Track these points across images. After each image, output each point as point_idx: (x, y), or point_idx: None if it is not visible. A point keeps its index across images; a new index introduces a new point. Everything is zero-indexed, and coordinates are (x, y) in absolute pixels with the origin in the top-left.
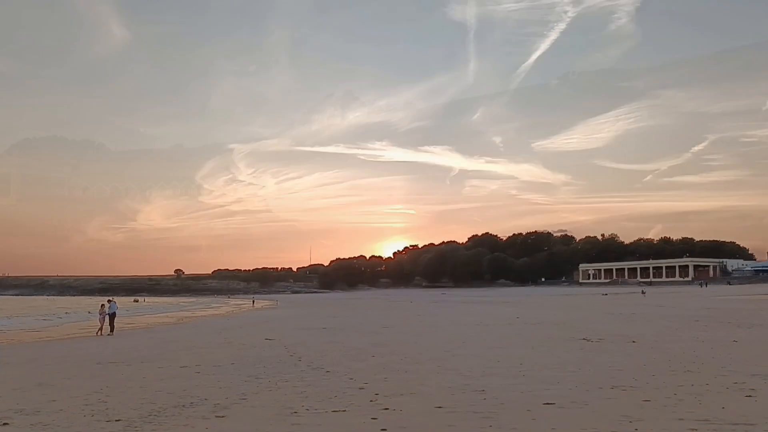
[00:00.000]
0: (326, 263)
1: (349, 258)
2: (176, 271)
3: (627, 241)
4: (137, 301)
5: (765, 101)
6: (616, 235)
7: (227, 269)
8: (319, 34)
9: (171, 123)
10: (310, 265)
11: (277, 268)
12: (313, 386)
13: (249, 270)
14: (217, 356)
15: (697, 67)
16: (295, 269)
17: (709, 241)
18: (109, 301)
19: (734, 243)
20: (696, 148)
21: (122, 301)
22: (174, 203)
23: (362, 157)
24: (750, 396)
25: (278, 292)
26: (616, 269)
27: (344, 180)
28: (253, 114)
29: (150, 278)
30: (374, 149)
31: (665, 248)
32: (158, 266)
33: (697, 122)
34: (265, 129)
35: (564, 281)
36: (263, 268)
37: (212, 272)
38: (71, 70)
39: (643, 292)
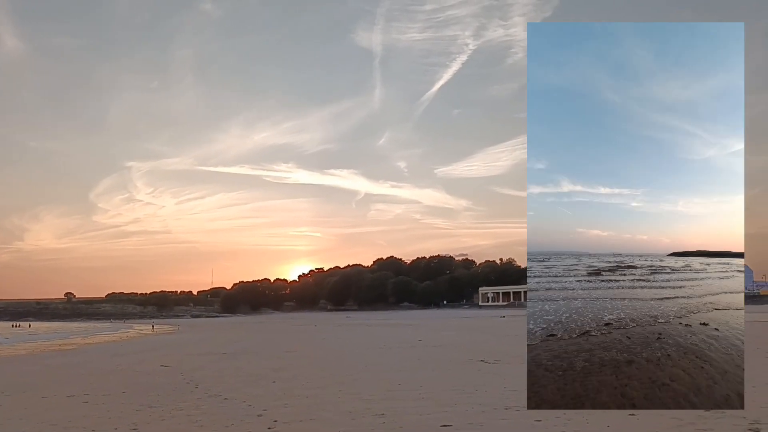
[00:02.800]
0: (229, 286)
1: (253, 281)
2: (67, 294)
3: (524, 265)
4: (18, 326)
5: None
6: (514, 259)
7: (122, 293)
8: (226, 54)
9: (64, 138)
10: (211, 289)
11: (176, 292)
12: (208, 414)
13: (146, 293)
14: (107, 384)
15: None
16: (195, 293)
17: None
18: None
19: None
20: None
21: (4, 327)
22: (66, 222)
23: (268, 179)
24: (633, 414)
25: (177, 316)
26: (513, 292)
27: (249, 201)
28: (154, 131)
29: (38, 302)
30: (280, 171)
31: None
32: (47, 289)
33: None
34: (166, 147)
35: (464, 304)
36: (161, 291)
37: (106, 296)
38: None
39: None
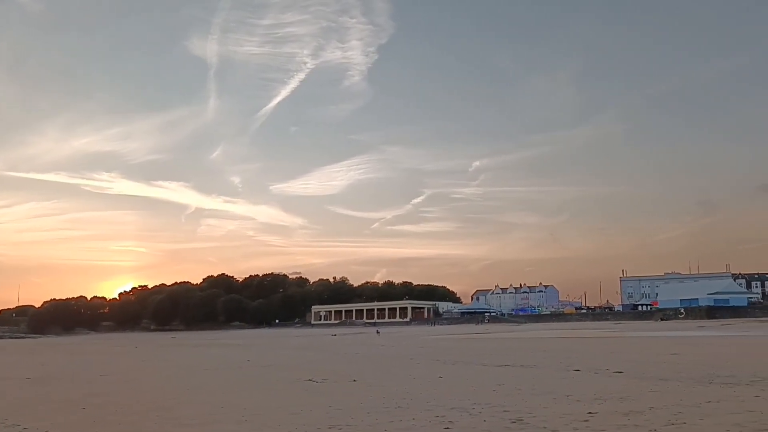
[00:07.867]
0: (38, 304)
1: (67, 299)
2: None
3: (356, 284)
4: None
5: (471, 163)
6: (347, 278)
7: None
8: (44, 50)
9: None
10: (17, 307)
11: None
12: None
13: None
14: None
15: (417, 128)
16: None
17: (425, 285)
18: None
19: (445, 287)
20: (415, 201)
21: None
22: None
23: (87, 188)
24: (448, 428)
25: None
26: (345, 311)
27: (64, 212)
28: None
29: None
30: (101, 180)
31: (388, 291)
32: None
33: (416, 178)
34: None
35: (297, 323)
36: None
37: None
38: None
39: (378, 332)
